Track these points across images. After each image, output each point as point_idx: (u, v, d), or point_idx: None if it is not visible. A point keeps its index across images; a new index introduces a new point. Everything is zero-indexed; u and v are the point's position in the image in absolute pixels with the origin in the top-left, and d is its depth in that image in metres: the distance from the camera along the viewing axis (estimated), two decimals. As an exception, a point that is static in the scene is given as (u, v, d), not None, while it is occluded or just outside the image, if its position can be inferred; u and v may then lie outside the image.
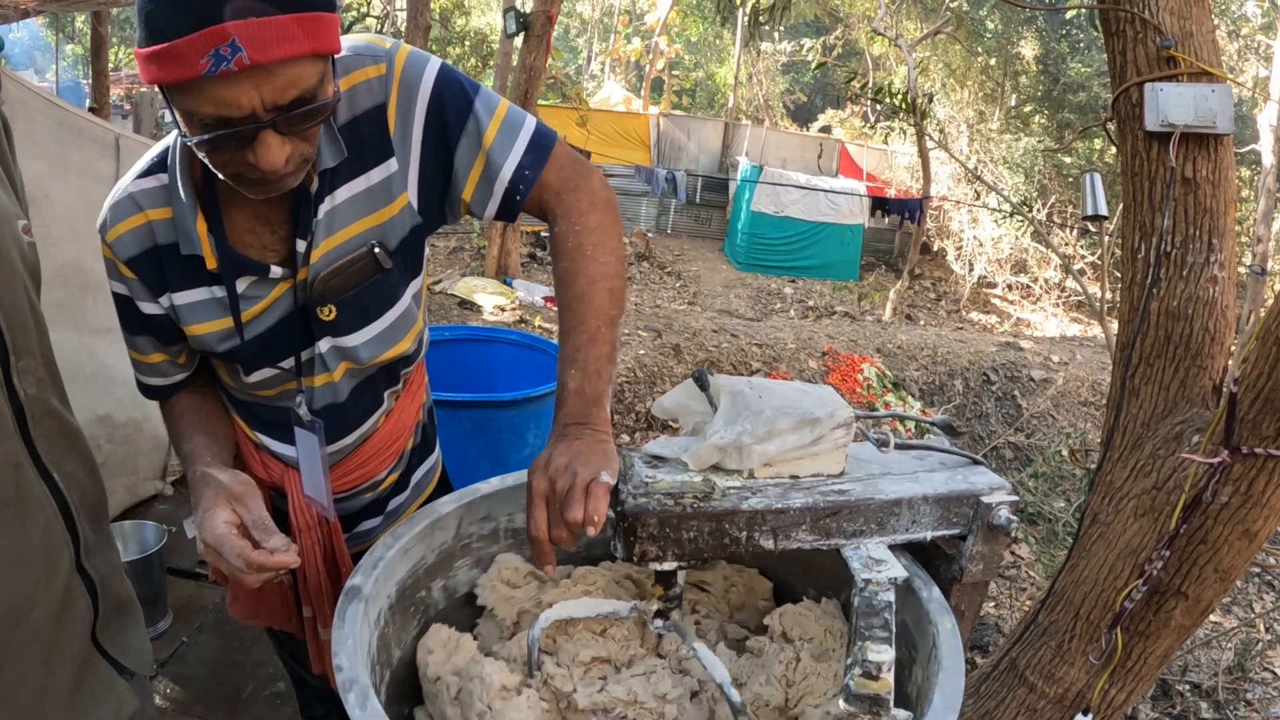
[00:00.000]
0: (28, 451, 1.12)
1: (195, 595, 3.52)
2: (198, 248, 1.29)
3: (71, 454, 1.23)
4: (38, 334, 1.16)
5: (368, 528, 1.75)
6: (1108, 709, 1.87)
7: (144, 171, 1.33)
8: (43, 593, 1.15)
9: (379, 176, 1.33)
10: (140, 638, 1.38)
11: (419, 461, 1.80)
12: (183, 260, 1.32)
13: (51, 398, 1.18)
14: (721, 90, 25.78)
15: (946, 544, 1.41)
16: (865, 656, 1.12)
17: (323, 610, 1.61)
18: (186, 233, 1.29)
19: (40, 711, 1.18)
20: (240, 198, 1.27)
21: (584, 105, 11.53)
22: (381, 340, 1.44)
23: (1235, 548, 1.63)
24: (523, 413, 2.67)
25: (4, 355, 1.07)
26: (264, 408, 1.52)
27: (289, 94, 1.07)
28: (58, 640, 1.19)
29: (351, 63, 1.28)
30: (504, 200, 1.36)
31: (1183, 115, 1.69)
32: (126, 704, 1.30)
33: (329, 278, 1.33)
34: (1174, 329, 1.79)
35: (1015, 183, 14.62)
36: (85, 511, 1.23)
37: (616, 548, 1.22)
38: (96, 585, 1.25)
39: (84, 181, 3.69)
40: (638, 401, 5.60)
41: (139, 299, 1.38)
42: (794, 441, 1.29)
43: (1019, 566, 4.66)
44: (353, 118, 1.30)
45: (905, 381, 6.74)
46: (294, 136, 1.13)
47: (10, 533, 1.10)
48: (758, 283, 14.41)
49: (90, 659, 1.26)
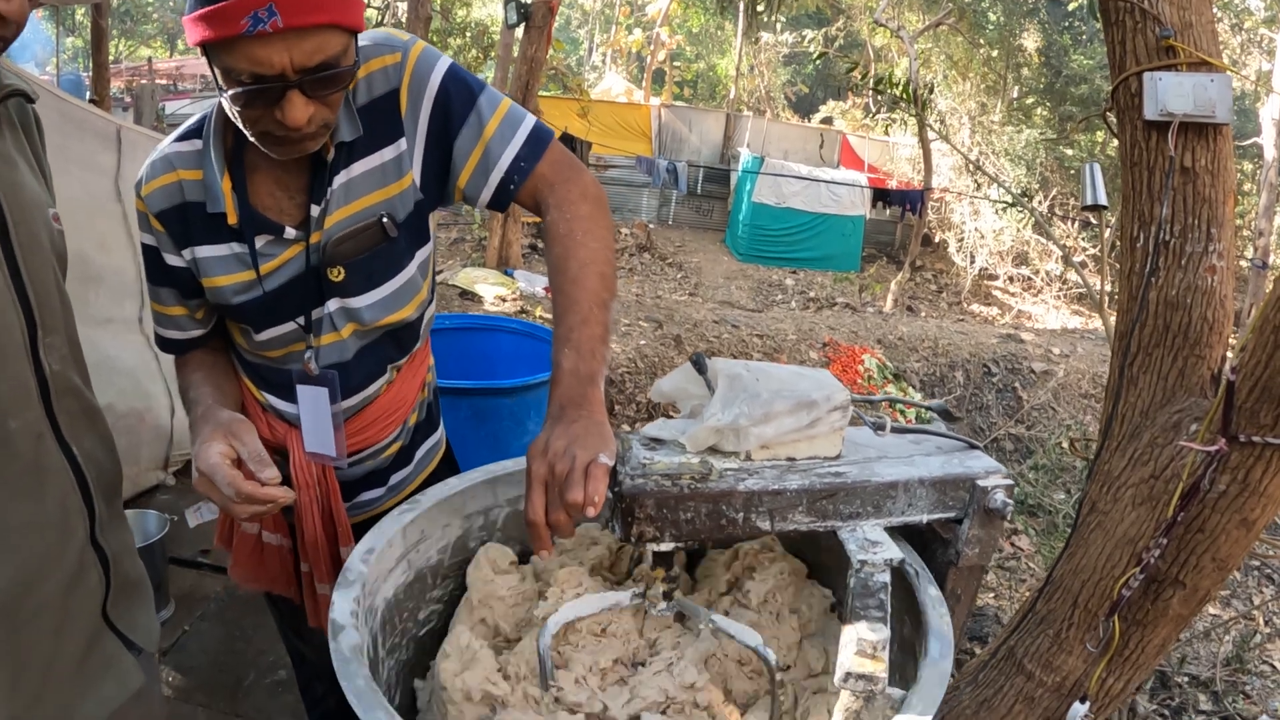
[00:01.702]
0: (50, 424, 1.19)
1: (197, 584, 3.53)
2: (222, 205, 1.42)
3: (92, 431, 1.29)
4: (64, 315, 1.24)
5: (369, 498, 1.78)
6: (1105, 698, 1.87)
7: (181, 136, 1.47)
8: (56, 562, 1.21)
9: (390, 155, 1.45)
10: (149, 616, 1.43)
11: (423, 438, 1.86)
12: (208, 218, 1.44)
13: (74, 376, 1.25)
14: (723, 81, 25.73)
15: (943, 528, 1.41)
16: (861, 635, 1.13)
17: (319, 566, 1.67)
18: (214, 192, 1.42)
19: (48, 680, 1.22)
20: (264, 163, 1.43)
21: (585, 96, 11.54)
22: (385, 305, 1.54)
23: (1233, 537, 1.63)
24: (523, 400, 2.68)
25: (32, 330, 1.15)
26: (271, 369, 1.61)
27: (315, 58, 1.21)
28: (68, 611, 1.24)
29: (371, 51, 1.41)
30: (499, 188, 1.46)
31: (1182, 105, 1.69)
32: (132, 679, 1.35)
33: (340, 242, 1.45)
34: (1172, 318, 1.79)
35: (1017, 175, 14.60)
36: (102, 488, 1.29)
37: (614, 528, 1.23)
38: (109, 560, 1.30)
39: (85, 174, 3.69)
40: (638, 392, 5.60)
41: (165, 250, 1.50)
42: (791, 424, 1.30)
43: (1019, 558, 4.67)
44: (370, 100, 1.43)
45: (906, 373, 6.75)
46: (317, 100, 1.26)
47: (28, 500, 1.16)
48: (759, 274, 14.41)
49: (99, 633, 1.30)
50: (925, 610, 1.27)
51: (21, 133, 1.26)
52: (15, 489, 1.14)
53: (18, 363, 1.13)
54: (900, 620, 1.36)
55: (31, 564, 1.17)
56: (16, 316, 1.13)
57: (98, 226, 3.78)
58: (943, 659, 1.17)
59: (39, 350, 1.16)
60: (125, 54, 24.54)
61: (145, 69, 19.84)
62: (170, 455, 4.23)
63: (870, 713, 1.17)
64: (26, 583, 1.17)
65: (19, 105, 1.26)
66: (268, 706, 2.88)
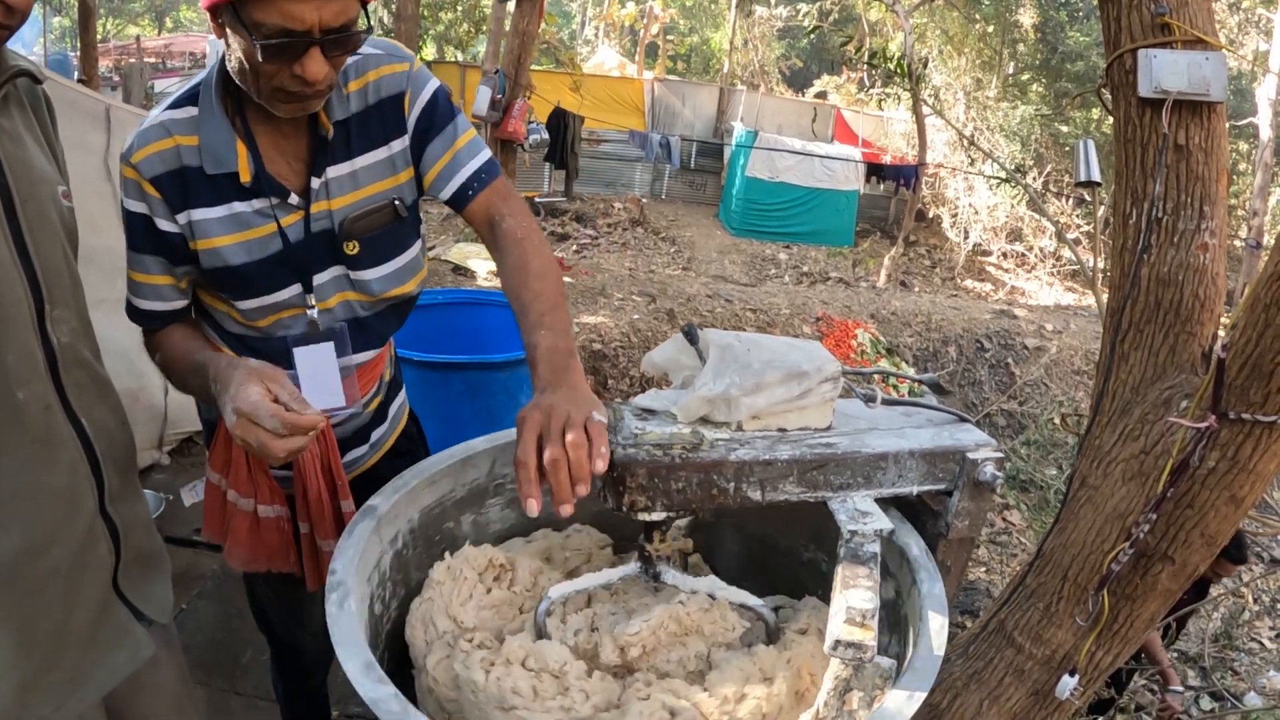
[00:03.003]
0: (58, 396, 1.22)
1: (193, 563, 3.54)
2: (233, 165, 1.49)
3: (102, 403, 1.32)
4: (74, 290, 1.29)
5: (355, 456, 1.88)
6: (1094, 671, 1.89)
7: (174, 104, 1.52)
8: (65, 530, 1.24)
9: (398, 147, 1.61)
10: (164, 589, 1.47)
11: (393, 395, 1.98)
12: (207, 180, 1.50)
13: (84, 349, 1.29)
14: (716, 55, 25.57)
15: (933, 500, 1.42)
16: (850, 604, 1.13)
17: (322, 523, 1.72)
18: (217, 155, 1.49)
19: (60, 648, 1.25)
20: (264, 130, 1.52)
21: (578, 70, 11.46)
22: (392, 279, 1.66)
23: (1222, 513, 1.65)
24: (516, 374, 2.68)
25: (40, 304, 1.19)
26: (257, 340, 1.66)
27: (340, 19, 1.32)
28: (78, 580, 1.27)
29: (383, 59, 1.58)
30: (459, 189, 1.62)
31: (1176, 82, 1.69)
32: (143, 649, 1.38)
33: (356, 220, 1.58)
34: (1164, 295, 1.80)
35: (1011, 151, 14.55)
36: (113, 460, 1.32)
37: (606, 498, 1.24)
38: (120, 531, 1.33)
39: (75, 154, 3.63)
40: (631, 366, 5.61)
41: (157, 216, 1.53)
42: (782, 395, 1.30)
43: (1010, 533, 4.70)
44: (379, 99, 1.57)
45: (899, 348, 6.76)
46: (331, 59, 1.37)
47: (37, 469, 1.19)
48: (752, 248, 14.37)
49: (109, 603, 1.33)
50: (920, 584, 1.28)
51: (30, 112, 1.29)
52: (25, 458, 1.17)
53: (25, 335, 1.16)
54: (894, 594, 1.37)
55: (40, 531, 1.20)
56: (24, 290, 1.16)
57: (88, 207, 3.72)
58: (938, 634, 1.18)
59: (46, 323, 1.20)
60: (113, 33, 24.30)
61: (133, 47, 19.58)
62: (165, 434, 4.22)
63: (860, 681, 1.18)
64: (35, 550, 1.19)
65: (27, 85, 1.29)
66: (265, 683, 2.89)
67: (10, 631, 1.18)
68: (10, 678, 1.18)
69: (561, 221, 12.72)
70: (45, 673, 1.23)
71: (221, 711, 2.78)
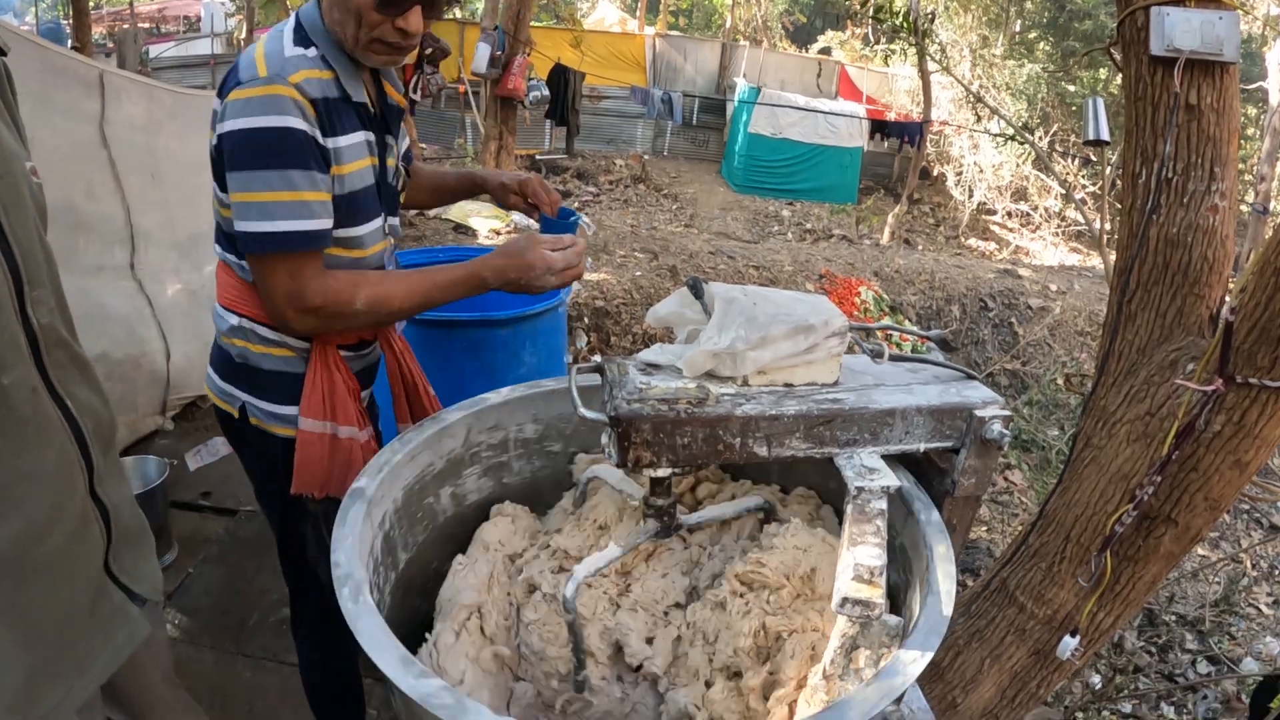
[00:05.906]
0: (42, 378, 1.19)
1: (199, 527, 3.56)
2: (363, 96, 1.68)
3: (84, 383, 1.29)
4: (48, 268, 1.23)
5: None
6: (1095, 632, 1.91)
7: (294, 45, 1.60)
8: (61, 514, 1.22)
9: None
10: (151, 566, 1.45)
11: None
12: (346, 108, 1.64)
13: (62, 329, 1.25)
14: (719, 10, 25.26)
15: (940, 457, 1.42)
16: (858, 561, 1.13)
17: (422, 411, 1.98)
18: (354, 85, 1.65)
19: (64, 632, 1.24)
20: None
21: (578, 26, 11.32)
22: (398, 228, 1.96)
23: (1226, 477, 1.65)
24: (518, 331, 2.66)
25: (19, 285, 1.15)
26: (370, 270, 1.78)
27: None
28: (75, 563, 1.25)
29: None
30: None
31: (1188, 41, 1.66)
32: (141, 629, 1.37)
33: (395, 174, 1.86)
34: (1173, 256, 1.78)
35: (1017, 109, 14.38)
36: (99, 439, 1.30)
37: (611, 454, 1.23)
38: (109, 511, 1.31)
39: (69, 123, 3.63)
40: (634, 323, 5.60)
41: (320, 131, 1.59)
42: (788, 349, 1.29)
43: (1011, 493, 4.71)
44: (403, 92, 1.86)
45: (902, 306, 6.73)
46: (428, 18, 1.59)
47: (30, 453, 1.17)
48: (755, 205, 14.29)
49: (104, 585, 1.32)
50: (929, 541, 1.27)
51: None
52: (17, 442, 1.15)
53: (6, 317, 1.12)
54: (901, 553, 1.37)
55: (39, 516, 1.18)
56: (3, 272, 1.12)
57: (84, 174, 3.73)
58: (946, 596, 1.18)
59: (25, 305, 1.16)
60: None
61: (127, 13, 19.20)
62: (168, 400, 4.21)
63: (866, 638, 1.18)
64: (34, 536, 1.17)
65: None
66: (273, 645, 2.92)
67: (13, 620, 1.16)
68: (16, 668, 1.16)
69: (563, 179, 12.65)
70: (52, 661, 1.22)
71: (229, 673, 2.81)
